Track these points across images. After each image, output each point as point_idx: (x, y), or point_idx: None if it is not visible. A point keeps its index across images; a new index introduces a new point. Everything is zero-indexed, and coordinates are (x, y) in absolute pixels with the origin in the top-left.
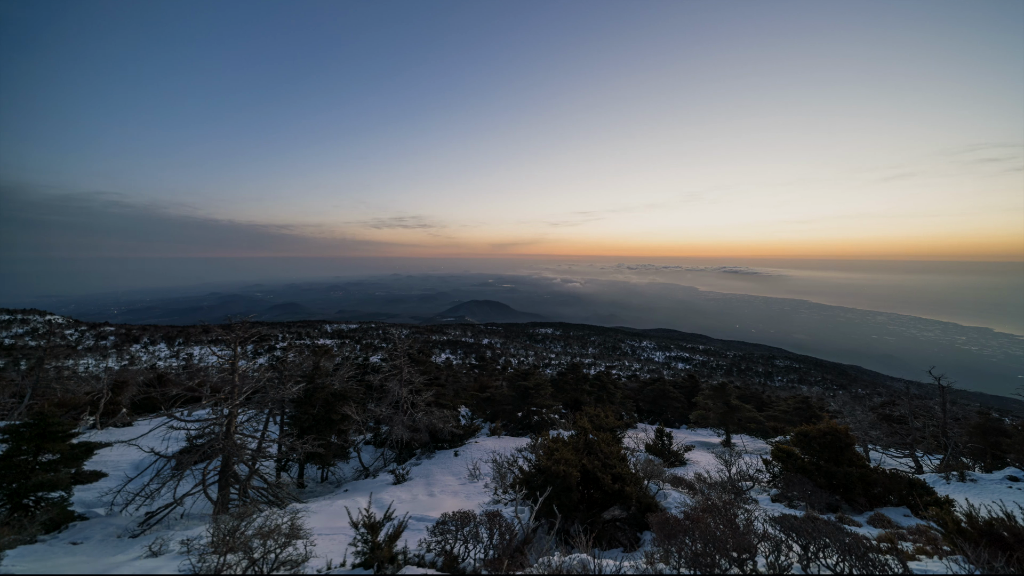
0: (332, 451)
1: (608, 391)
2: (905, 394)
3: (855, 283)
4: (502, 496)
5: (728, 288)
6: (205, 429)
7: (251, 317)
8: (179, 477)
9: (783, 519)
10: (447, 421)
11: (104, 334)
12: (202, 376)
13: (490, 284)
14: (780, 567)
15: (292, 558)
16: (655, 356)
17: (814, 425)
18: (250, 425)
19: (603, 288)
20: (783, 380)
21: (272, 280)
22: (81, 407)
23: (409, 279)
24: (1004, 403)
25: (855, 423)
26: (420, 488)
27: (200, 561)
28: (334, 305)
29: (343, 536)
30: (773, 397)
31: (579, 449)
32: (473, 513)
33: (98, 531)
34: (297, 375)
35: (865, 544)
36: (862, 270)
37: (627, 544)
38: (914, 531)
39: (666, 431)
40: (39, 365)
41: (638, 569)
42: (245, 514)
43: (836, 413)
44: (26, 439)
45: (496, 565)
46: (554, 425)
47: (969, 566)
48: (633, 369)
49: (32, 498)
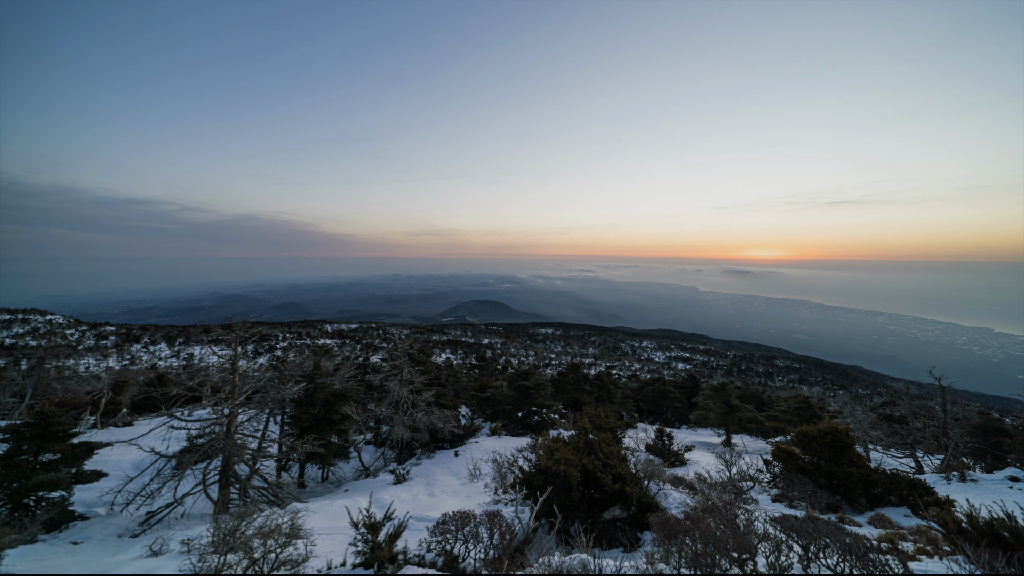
0: (332, 451)
1: (608, 391)
2: (905, 394)
3: (855, 283)
4: (502, 496)
5: (729, 288)
6: (205, 429)
7: (252, 317)
8: (179, 477)
9: (783, 519)
10: (447, 421)
11: (105, 334)
12: (203, 376)
13: (490, 284)
14: (780, 567)
15: (292, 558)
16: (655, 356)
17: (814, 425)
18: (250, 425)
19: (603, 288)
20: (783, 380)
21: (273, 280)
22: (82, 407)
23: (409, 279)
24: (1004, 403)
25: (855, 423)
26: (420, 488)
27: (200, 561)
28: (334, 305)
29: (343, 536)
30: (773, 397)
31: (579, 449)
32: (473, 513)
33: (99, 531)
34: (297, 375)
35: (865, 544)
36: (863, 270)
37: (627, 544)
38: (915, 531)
39: (666, 431)
40: (40, 365)
41: (638, 569)
42: (245, 514)
43: (836, 413)
44: (27, 439)
45: (496, 565)
46: (554, 425)
47: (970, 566)
48: (633, 369)
49: (33, 498)
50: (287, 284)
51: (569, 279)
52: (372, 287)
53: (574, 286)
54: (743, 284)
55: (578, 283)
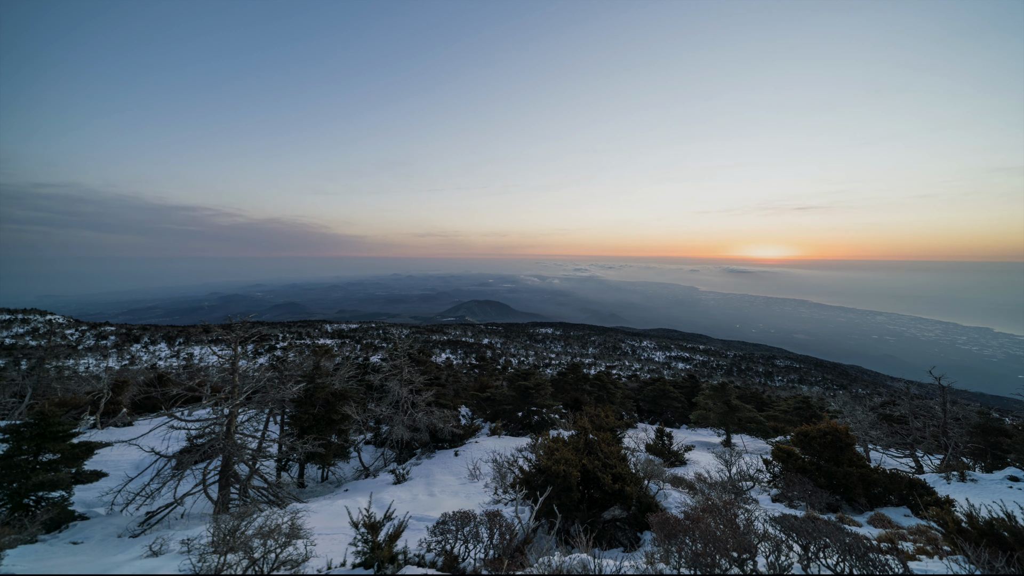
0: (332, 451)
1: (608, 391)
2: (905, 394)
3: (855, 283)
4: (502, 496)
5: (729, 287)
6: (205, 429)
7: (251, 317)
8: (179, 477)
9: (783, 519)
10: (447, 421)
11: (105, 334)
12: (202, 376)
13: (490, 284)
14: (780, 567)
15: (292, 558)
16: (655, 356)
17: (814, 425)
18: (250, 425)
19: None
20: (783, 380)
21: (273, 280)
22: (82, 407)
23: (409, 279)
24: (1004, 403)
25: (855, 423)
26: (420, 488)
27: (200, 561)
28: (334, 305)
29: (343, 536)
30: (773, 397)
31: (579, 449)
32: (473, 513)
33: (98, 531)
34: (297, 375)
35: (865, 544)
36: (863, 270)
37: (627, 544)
38: (914, 531)
39: (666, 431)
40: (40, 365)
41: (638, 569)
42: (245, 514)
43: (836, 413)
44: (27, 439)
45: (496, 565)
46: (554, 425)
47: (969, 566)
48: (633, 369)
49: (33, 498)
50: (287, 284)
51: (568, 279)
52: (372, 287)
53: (574, 286)
54: (743, 284)
55: (578, 283)
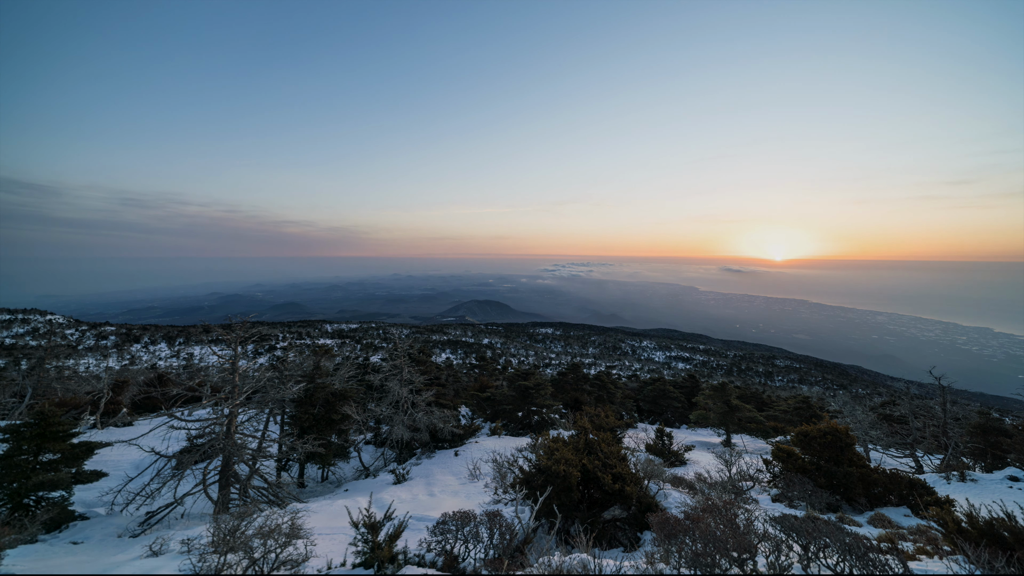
0: (332, 451)
1: (608, 391)
2: (905, 394)
3: (855, 283)
4: (502, 496)
5: (729, 287)
6: (205, 429)
7: (252, 317)
8: (179, 477)
9: (783, 519)
10: (447, 421)
11: (105, 334)
12: (202, 376)
13: (490, 284)
14: (780, 567)
15: (292, 558)
16: (655, 356)
17: (814, 425)
18: (250, 425)
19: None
20: (783, 380)
21: (273, 280)
22: (82, 407)
23: (409, 279)
24: (1004, 403)
25: (855, 423)
26: (420, 488)
27: (200, 561)
28: (334, 305)
29: (343, 536)
30: (773, 397)
31: (579, 449)
32: (473, 513)
33: (98, 531)
34: (297, 375)
35: (865, 544)
36: (863, 269)
37: (627, 544)
38: (914, 531)
39: (666, 431)
40: (40, 365)
41: (638, 569)
42: (245, 514)
43: (836, 413)
44: (27, 439)
45: (496, 565)
46: (554, 425)
47: (969, 566)
48: (633, 369)
49: (33, 498)
50: (287, 284)
51: (569, 279)
52: (372, 287)
53: (574, 286)
54: (743, 284)
55: (578, 283)
